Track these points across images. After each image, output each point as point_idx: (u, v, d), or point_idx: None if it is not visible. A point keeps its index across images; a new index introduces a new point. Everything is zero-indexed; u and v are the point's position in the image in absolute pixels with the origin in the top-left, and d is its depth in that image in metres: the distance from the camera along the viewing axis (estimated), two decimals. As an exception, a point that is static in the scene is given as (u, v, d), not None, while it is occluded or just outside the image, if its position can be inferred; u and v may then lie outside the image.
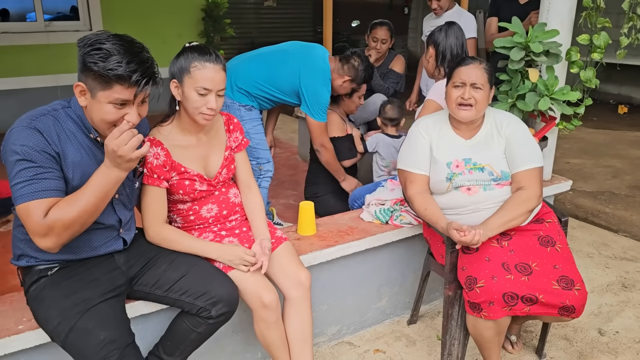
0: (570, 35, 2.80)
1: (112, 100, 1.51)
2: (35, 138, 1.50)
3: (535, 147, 2.18)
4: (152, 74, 1.54)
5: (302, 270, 1.99)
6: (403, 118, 3.12)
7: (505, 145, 2.15)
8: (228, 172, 2.02)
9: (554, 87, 2.62)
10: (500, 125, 2.18)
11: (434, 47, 2.67)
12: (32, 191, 1.46)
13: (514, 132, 2.15)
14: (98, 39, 1.48)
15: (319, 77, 2.80)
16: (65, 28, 6.02)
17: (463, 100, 2.09)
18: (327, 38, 6.77)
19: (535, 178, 2.11)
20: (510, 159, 2.13)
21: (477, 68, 2.11)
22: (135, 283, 1.78)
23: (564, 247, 2.10)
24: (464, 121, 2.14)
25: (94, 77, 1.48)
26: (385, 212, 2.47)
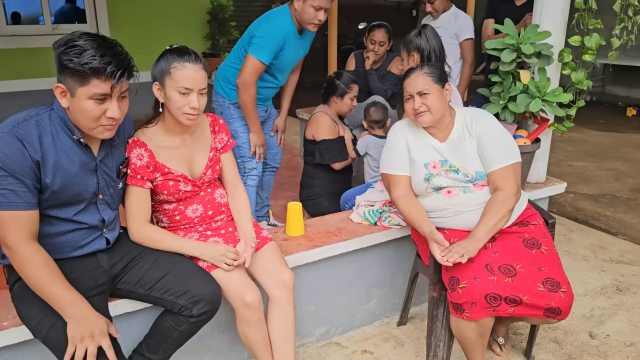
0: (563, 36, 2.79)
1: (92, 96, 1.55)
2: (15, 146, 1.53)
3: (508, 143, 2.15)
4: (127, 65, 1.57)
5: (285, 271, 2.00)
6: (389, 119, 3.13)
7: (477, 144, 2.15)
8: (213, 173, 2.05)
9: (545, 88, 2.61)
10: (470, 124, 2.18)
11: (418, 52, 2.68)
12: (5, 201, 1.51)
13: (484, 131, 2.14)
14: (71, 37, 1.53)
15: (272, 18, 2.72)
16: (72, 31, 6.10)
17: (415, 110, 2.12)
18: (332, 40, 6.81)
19: (510, 175, 2.08)
20: (483, 158, 2.12)
21: (419, 75, 2.14)
22: (118, 281, 1.81)
23: (549, 249, 2.09)
24: (427, 125, 2.15)
25: (72, 75, 1.52)
26: (374, 214, 2.48)
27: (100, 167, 1.74)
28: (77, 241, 1.73)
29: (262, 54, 2.65)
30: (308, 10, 2.62)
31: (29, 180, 1.55)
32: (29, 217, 1.56)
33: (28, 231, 1.55)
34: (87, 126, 1.62)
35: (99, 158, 1.74)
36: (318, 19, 2.63)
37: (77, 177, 1.66)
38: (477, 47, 3.67)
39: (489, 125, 2.16)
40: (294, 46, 2.79)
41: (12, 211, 1.53)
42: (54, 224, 1.67)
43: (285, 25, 2.69)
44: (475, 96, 3.37)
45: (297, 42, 2.80)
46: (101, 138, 1.68)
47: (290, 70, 3.00)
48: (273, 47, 2.66)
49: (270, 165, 3.26)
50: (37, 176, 1.57)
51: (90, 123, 1.60)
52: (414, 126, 2.24)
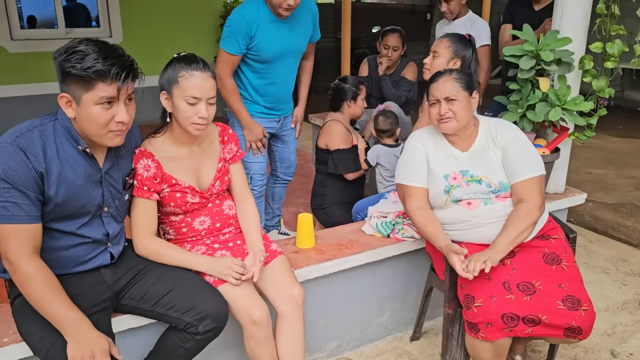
0: (584, 43, 2.69)
1: (98, 100, 1.50)
2: (18, 157, 1.48)
3: (533, 155, 2.08)
4: (130, 66, 1.53)
5: (295, 286, 1.94)
6: (398, 128, 3.04)
7: (502, 155, 2.07)
8: (221, 184, 1.99)
9: (565, 97, 2.52)
10: (495, 134, 2.11)
11: (461, 61, 2.46)
12: (7, 214, 1.47)
13: (509, 141, 2.07)
14: (71, 44, 1.48)
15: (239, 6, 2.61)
16: (85, 35, 6.09)
17: (440, 116, 2.03)
18: (345, 44, 6.72)
19: (535, 188, 2.02)
20: (508, 169, 2.05)
21: (447, 80, 2.06)
22: (122, 297, 1.75)
23: (570, 264, 2.00)
24: (450, 133, 2.08)
25: (76, 81, 1.48)
26: (387, 225, 2.41)
27: (106, 179, 1.69)
28: (81, 256, 1.68)
29: (226, 44, 2.56)
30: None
31: (32, 193, 1.50)
32: (31, 231, 1.51)
33: (30, 245, 1.50)
34: (97, 134, 1.57)
35: (105, 169, 1.69)
36: (287, 3, 2.47)
37: (81, 189, 1.61)
38: (493, 53, 3.57)
39: (515, 135, 2.09)
40: (274, 32, 2.59)
41: (15, 225, 1.48)
42: (56, 237, 1.62)
43: (248, 11, 2.52)
44: (492, 103, 3.29)
45: (278, 28, 2.60)
46: (112, 145, 1.63)
47: (287, 63, 2.74)
48: (236, 35, 2.52)
49: (281, 178, 3.16)
50: (40, 188, 1.52)
51: (99, 130, 1.56)
52: (434, 135, 2.17)
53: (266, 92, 2.74)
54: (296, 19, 2.65)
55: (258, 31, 2.54)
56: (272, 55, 2.62)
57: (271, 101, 2.79)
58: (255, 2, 2.56)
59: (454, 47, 2.43)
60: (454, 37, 2.46)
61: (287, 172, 3.15)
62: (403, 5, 10.73)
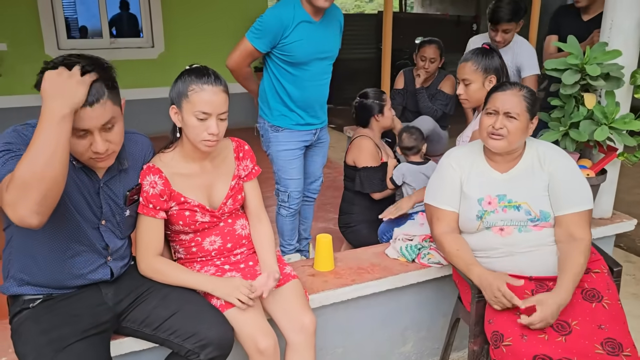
0: (636, 56, 2.47)
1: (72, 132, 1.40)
2: (17, 135, 1.45)
3: (586, 187, 1.91)
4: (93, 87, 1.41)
5: (306, 314, 1.82)
6: (424, 144, 2.86)
7: (549, 182, 1.89)
8: (234, 203, 1.90)
9: (614, 114, 2.31)
10: (544, 158, 1.92)
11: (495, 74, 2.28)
12: (9, 169, 1.36)
13: (560, 168, 1.89)
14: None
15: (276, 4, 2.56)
16: (128, 45, 6.24)
17: (494, 130, 1.86)
18: (386, 54, 6.59)
19: (586, 222, 1.86)
20: (555, 198, 1.87)
21: (515, 95, 1.87)
22: (123, 319, 1.68)
23: (613, 303, 1.80)
24: (496, 151, 1.91)
25: None
26: (412, 249, 2.26)
27: (104, 191, 1.62)
28: (79, 267, 1.61)
29: (254, 38, 2.49)
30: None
31: None
32: None
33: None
34: (79, 157, 1.52)
35: (103, 180, 1.62)
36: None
37: (75, 198, 1.56)
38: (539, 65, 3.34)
39: (566, 162, 1.92)
40: (308, 33, 2.49)
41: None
42: (54, 245, 1.57)
43: (285, 12, 2.45)
44: None
45: (312, 29, 2.51)
46: (101, 167, 1.58)
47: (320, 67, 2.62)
48: (267, 34, 2.45)
49: (305, 195, 2.98)
50: None
51: (79, 156, 1.51)
52: (472, 153, 2.01)
53: (299, 98, 2.62)
54: (329, 22, 2.58)
55: (293, 32, 2.47)
56: (306, 57, 2.53)
57: (307, 107, 2.66)
58: (292, 2, 2.49)
59: (482, 65, 2.26)
60: (476, 55, 2.29)
61: (310, 187, 2.98)
62: (448, 16, 10.51)
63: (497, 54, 2.30)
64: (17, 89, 5.61)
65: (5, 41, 5.56)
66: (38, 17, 5.64)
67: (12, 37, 5.56)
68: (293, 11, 2.47)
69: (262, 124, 2.73)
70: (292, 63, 2.52)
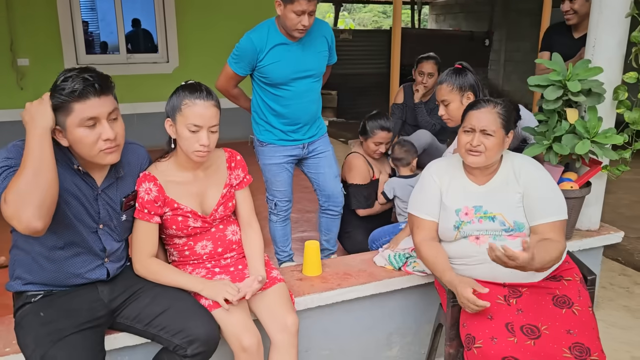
0: (620, 72, 2.55)
1: (80, 123, 1.59)
2: (16, 150, 1.60)
3: (560, 198, 1.99)
4: (98, 79, 1.60)
5: (289, 314, 1.92)
6: (415, 158, 2.96)
7: (523, 194, 1.97)
8: (225, 210, 2.02)
9: (595, 129, 2.39)
10: (519, 171, 2.01)
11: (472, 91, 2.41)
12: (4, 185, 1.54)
13: (534, 180, 1.98)
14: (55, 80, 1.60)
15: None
16: (144, 60, 6.47)
17: (471, 147, 1.96)
18: (394, 70, 6.73)
19: (560, 231, 1.93)
20: (530, 209, 1.95)
21: (490, 112, 1.97)
22: (117, 315, 1.81)
23: (583, 309, 1.87)
24: (474, 166, 2.00)
25: (56, 110, 1.59)
26: (400, 258, 2.35)
27: (102, 197, 1.77)
28: (78, 267, 1.75)
29: (233, 63, 2.65)
30: (290, 15, 2.45)
31: None
32: None
33: None
34: (88, 154, 1.66)
35: (102, 187, 1.76)
36: (302, 24, 2.47)
37: (74, 204, 1.70)
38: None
39: (540, 174, 2.00)
40: (283, 55, 2.58)
41: None
42: (54, 246, 1.70)
43: (257, 37, 2.56)
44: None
45: (288, 50, 2.59)
46: (107, 163, 1.71)
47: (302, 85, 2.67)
48: (243, 58, 2.60)
49: (325, 208, 2.97)
50: None
51: (89, 151, 1.64)
52: (452, 166, 2.11)
53: (283, 115, 2.70)
54: (309, 41, 2.64)
55: (267, 55, 2.57)
56: (283, 78, 2.62)
57: (290, 124, 2.73)
58: (267, 25, 2.60)
59: (457, 84, 2.38)
60: (450, 76, 2.41)
61: (329, 201, 2.93)
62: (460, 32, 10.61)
63: (470, 72, 2.41)
64: (38, 101, 5.87)
65: (28, 56, 5.83)
66: (59, 33, 5.90)
67: (34, 52, 5.82)
68: (267, 35, 2.57)
69: (253, 137, 2.86)
70: (272, 84, 2.64)
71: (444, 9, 14.07)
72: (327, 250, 3.12)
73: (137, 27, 8.10)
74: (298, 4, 2.41)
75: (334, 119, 8.86)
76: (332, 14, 16.79)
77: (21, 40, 5.75)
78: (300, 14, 2.44)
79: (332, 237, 3.08)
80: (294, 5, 2.42)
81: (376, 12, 25.02)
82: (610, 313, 2.98)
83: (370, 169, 3.04)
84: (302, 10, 2.43)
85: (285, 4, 2.44)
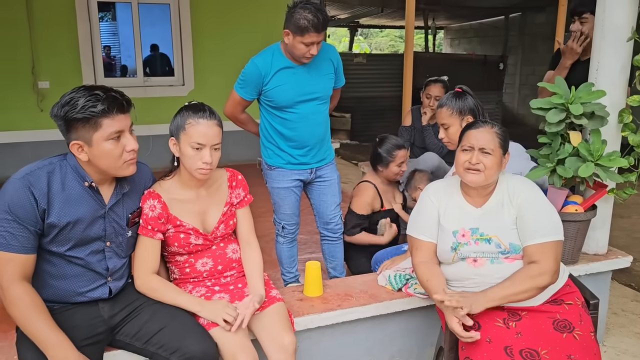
0: (623, 95, 2.55)
1: (108, 137, 1.68)
2: (24, 194, 1.63)
3: (552, 218, 1.97)
4: (123, 96, 1.71)
5: (286, 334, 1.93)
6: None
7: (517, 215, 1.97)
8: (226, 228, 2.05)
9: (599, 152, 2.38)
10: (513, 192, 2.01)
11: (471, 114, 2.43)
12: (4, 242, 1.61)
13: (526, 200, 1.97)
14: (65, 99, 1.65)
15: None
16: (161, 83, 6.62)
17: (470, 165, 1.96)
18: (406, 93, 6.78)
19: (550, 252, 1.90)
20: (522, 230, 1.95)
21: (488, 132, 1.99)
22: (117, 332, 1.83)
23: (585, 334, 1.84)
24: (474, 186, 2.00)
25: (83, 125, 1.65)
26: (400, 279, 2.35)
27: (109, 215, 1.81)
28: (80, 286, 1.79)
29: (239, 88, 2.69)
30: (298, 46, 2.51)
31: (32, 227, 1.64)
32: (24, 260, 1.65)
33: (21, 272, 1.64)
34: (113, 166, 1.74)
35: (109, 205, 1.81)
36: (310, 53, 2.52)
37: (83, 222, 1.74)
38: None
39: (532, 195, 1.99)
40: (288, 78, 2.62)
41: (9, 253, 1.62)
42: (59, 265, 1.75)
43: (262, 61, 2.62)
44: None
45: (293, 74, 2.63)
46: (128, 174, 1.81)
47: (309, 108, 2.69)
48: (248, 83, 2.65)
49: (324, 234, 2.98)
50: (40, 223, 1.67)
51: (115, 163, 1.73)
52: (450, 187, 2.12)
53: (291, 138, 2.72)
54: (314, 64, 2.67)
55: (272, 79, 2.61)
56: (288, 101, 2.65)
57: (297, 147, 2.75)
58: (271, 50, 2.65)
59: (457, 108, 2.40)
60: (449, 100, 2.43)
61: (326, 228, 2.95)
62: (475, 56, 10.65)
63: (469, 95, 2.43)
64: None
65: (48, 79, 6.00)
66: (79, 57, 6.08)
67: (54, 75, 6.00)
68: (271, 59, 2.62)
69: (262, 160, 2.90)
70: (278, 107, 2.67)
71: (458, 34, 14.18)
72: (335, 278, 3.04)
73: (156, 51, 8.31)
74: (308, 36, 2.47)
75: (346, 142, 8.90)
76: (347, 38, 17.00)
77: (42, 64, 5.93)
78: (309, 45, 2.51)
79: (338, 264, 3.05)
80: (303, 38, 2.48)
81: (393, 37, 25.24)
82: (622, 340, 2.92)
83: (379, 200, 3.05)
84: (311, 41, 2.50)
85: (294, 35, 2.50)
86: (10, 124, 5.92)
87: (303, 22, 2.43)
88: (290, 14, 2.50)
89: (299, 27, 2.44)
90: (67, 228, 1.71)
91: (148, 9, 6.68)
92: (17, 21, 5.74)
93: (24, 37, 5.79)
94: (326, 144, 2.90)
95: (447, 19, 13.17)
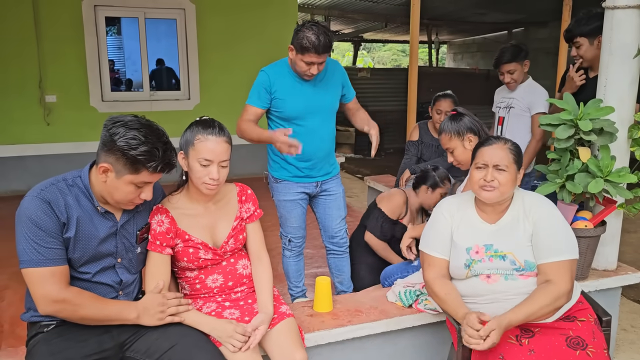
0: (632, 111, 2.55)
1: (137, 183, 1.71)
2: (45, 208, 1.66)
3: (568, 236, 1.96)
4: (170, 158, 1.74)
5: (298, 351, 1.92)
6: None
7: (532, 232, 1.96)
8: (236, 242, 2.05)
9: (609, 167, 2.38)
10: (529, 209, 2.00)
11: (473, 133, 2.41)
12: (39, 259, 1.63)
13: (542, 218, 1.96)
14: (133, 137, 1.66)
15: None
16: (167, 97, 6.66)
17: (485, 182, 1.96)
18: (411, 107, 6.81)
19: (565, 271, 1.89)
20: (537, 247, 1.94)
21: (501, 149, 1.99)
22: (127, 349, 1.82)
23: (598, 351, 1.83)
24: (489, 202, 2.00)
25: (125, 161, 1.67)
26: (410, 295, 2.34)
27: (121, 232, 1.82)
28: None
29: (251, 99, 2.72)
30: (300, 63, 2.59)
31: (61, 238, 1.68)
32: (65, 270, 1.69)
33: (66, 281, 1.69)
34: (116, 202, 1.76)
35: (121, 222, 1.82)
36: (310, 72, 2.61)
37: (95, 238, 1.76)
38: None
39: (549, 212, 1.98)
40: (295, 89, 2.69)
41: (53, 267, 1.65)
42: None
43: (272, 69, 2.70)
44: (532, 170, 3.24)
45: (301, 86, 2.69)
46: (125, 208, 1.82)
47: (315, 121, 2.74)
48: (259, 89, 2.69)
49: (329, 248, 2.99)
50: (62, 235, 1.69)
51: (122, 200, 1.75)
52: (463, 203, 2.11)
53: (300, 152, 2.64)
54: (321, 79, 2.73)
55: (280, 88, 2.67)
56: (296, 112, 2.69)
57: (306, 160, 2.75)
58: (280, 63, 2.72)
59: (454, 131, 2.40)
60: (446, 125, 2.43)
61: (332, 242, 2.97)
62: (478, 70, 10.70)
63: (465, 115, 2.43)
64: (63, 136, 6.09)
65: (55, 93, 6.05)
66: (86, 71, 6.13)
67: (62, 89, 6.05)
68: (281, 69, 2.70)
69: (268, 174, 2.91)
70: (285, 118, 2.70)
71: (461, 48, 14.26)
72: (342, 293, 3.06)
73: (161, 65, 8.36)
74: (308, 56, 2.55)
75: (351, 155, 8.93)
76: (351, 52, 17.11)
77: (50, 78, 5.99)
78: (310, 64, 2.58)
79: (345, 278, 3.05)
80: (304, 57, 2.55)
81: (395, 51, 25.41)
82: (632, 357, 2.89)
83: (404, 210, 3.09)
84: (311, 61, 2.56)
85: (296, 52, 2.57)
86: (16, 137, 5.96)
87: (305, 42, 2.50)
88: (296, 31, 2.57)
89: (301, 46, 2.52)
90: (82, 243, 1.72)
91: (155, 23, 6.74)
92: (25, 35, 5.80)
93: (32, 51, 5.85)
94: (332, 158, 2.94)
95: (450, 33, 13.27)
